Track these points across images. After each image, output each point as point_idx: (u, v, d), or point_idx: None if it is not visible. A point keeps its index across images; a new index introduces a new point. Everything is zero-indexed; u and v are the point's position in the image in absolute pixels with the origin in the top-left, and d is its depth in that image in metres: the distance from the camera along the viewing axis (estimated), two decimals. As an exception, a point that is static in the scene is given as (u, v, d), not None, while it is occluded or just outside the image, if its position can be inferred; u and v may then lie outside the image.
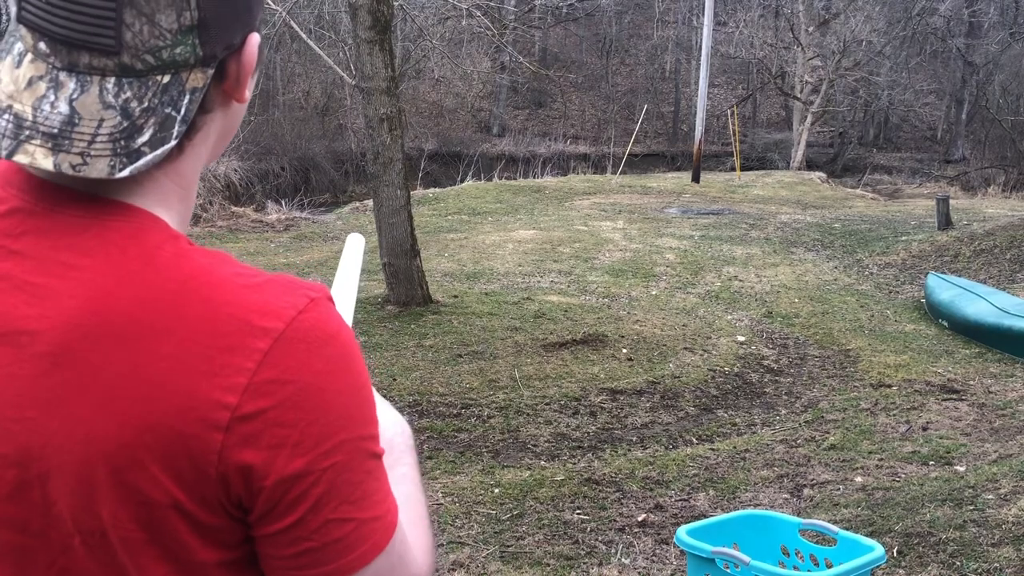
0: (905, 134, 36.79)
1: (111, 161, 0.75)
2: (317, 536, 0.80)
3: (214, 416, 0.75)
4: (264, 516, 0.79)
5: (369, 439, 0.83)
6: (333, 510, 0.80)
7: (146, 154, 0.76)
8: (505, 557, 3.91)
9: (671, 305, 9.04)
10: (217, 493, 0.77)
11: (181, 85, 0.78)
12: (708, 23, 19.86)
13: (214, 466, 0.76)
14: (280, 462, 0.77)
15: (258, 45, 0.84)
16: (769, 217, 14.50)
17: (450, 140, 29.16)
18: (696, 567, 2.75)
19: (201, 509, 0.78)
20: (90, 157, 0.74)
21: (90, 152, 0.74)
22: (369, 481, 0.82)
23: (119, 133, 0.75)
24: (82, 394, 0.75)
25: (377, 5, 7.98)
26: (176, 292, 0.76)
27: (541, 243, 11.74)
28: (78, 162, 0.74)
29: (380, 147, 8.24)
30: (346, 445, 0.80)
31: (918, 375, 6.76)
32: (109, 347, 0.75)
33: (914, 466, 4.89)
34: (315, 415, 0.78)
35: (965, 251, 11.07)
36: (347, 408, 0.81)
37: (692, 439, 5.71)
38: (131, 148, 0.76)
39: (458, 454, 5.39)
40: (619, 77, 37.60)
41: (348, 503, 0.80)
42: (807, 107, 26.87)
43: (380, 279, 8.92)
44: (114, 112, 0.75)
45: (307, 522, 0.79)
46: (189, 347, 0.75)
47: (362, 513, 0.82)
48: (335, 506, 0.80)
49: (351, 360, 0.82)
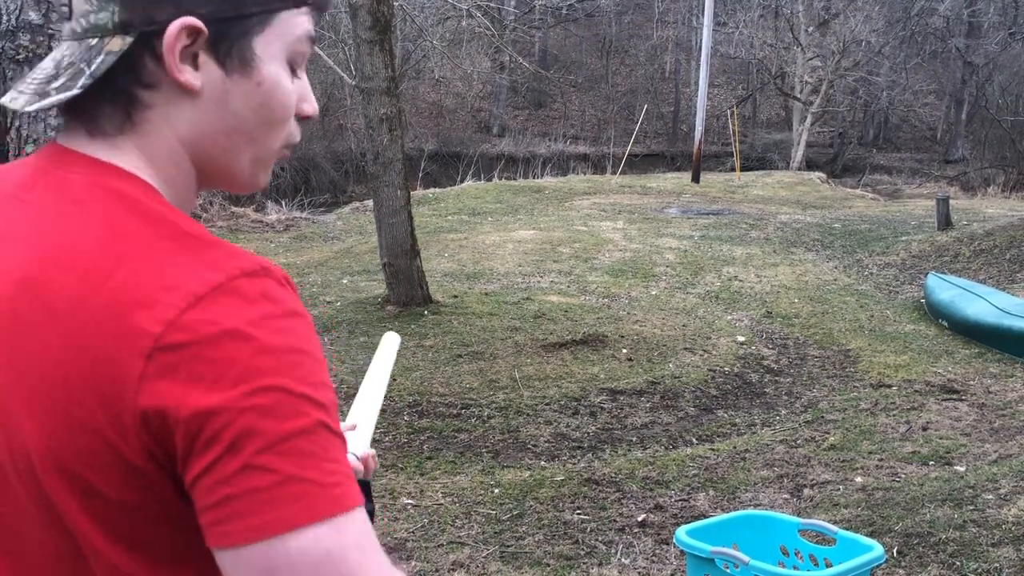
0: (905, 134, 36.80)
1: (30, 99, 0.87)
2: (236, 481, 0.77)
3: (139, 343, 0.77)
4: (184, 459, 0.78)
5: (308, 400, 0.79)
6: (253, 455, 0.77)
7: (51, 95, 0.87)
8: (505, 557, 3.91)
9: (671, 305, 9.04)
10: (136, 424, 0.77)
11: (100, 47, 0.87)
12: (708, 23, 19.86)
13: (133, 392, 0.77)
14: (196, 395, 0.76)
15: (183, 30, 0.85)
16: (769, 217, 14.51)
17: (450, 140, 29.16)
18: (696, 567, 2.75)
19: (122, 440, 0.78)
20: (23, 95, 0.88)
21: (25, 92, 0.88)
22: (305, 441, 0.78)
23: (44, 79, 0.88)
24: (39, 321, 0.81)
25: (377, 5, 7.98)
26: (137, 232, 0.82)
27: (541, 243, 11.74)
28: (14, 97, 0.88)
29: (380, 147, 8.24)
30: (274, 392, 0.77)
31: (918, 375, 6.76)
32: (65, 275, 0.81)
33: (914, 466, 4.90)
34: (240, 356, 0.77)
35: (965, 251, 11.07)
36: (280, 361, 0.78)
37: (692, 439, 5.71)
38: (45, 90, 0.87)
39: (458, 454, 5.39)
40: (619, 77, 37.62)
41: (274, 453, 0.77)
42: (807, 107, 26.88)
43: (380, 279, 8.92)
44: (50, 63, 0.89)
45: (224, 463, 0.76)
46: (132, 282, 0.79)
47: (293, 469, 0.77)
48: (256, 451, 0.77)
49: (294, 324, 0.81)
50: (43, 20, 2.24)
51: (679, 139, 34.00)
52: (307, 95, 0.96)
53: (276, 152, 0.95)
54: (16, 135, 2.26)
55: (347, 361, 6.99)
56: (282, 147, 0.96)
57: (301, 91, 0.95)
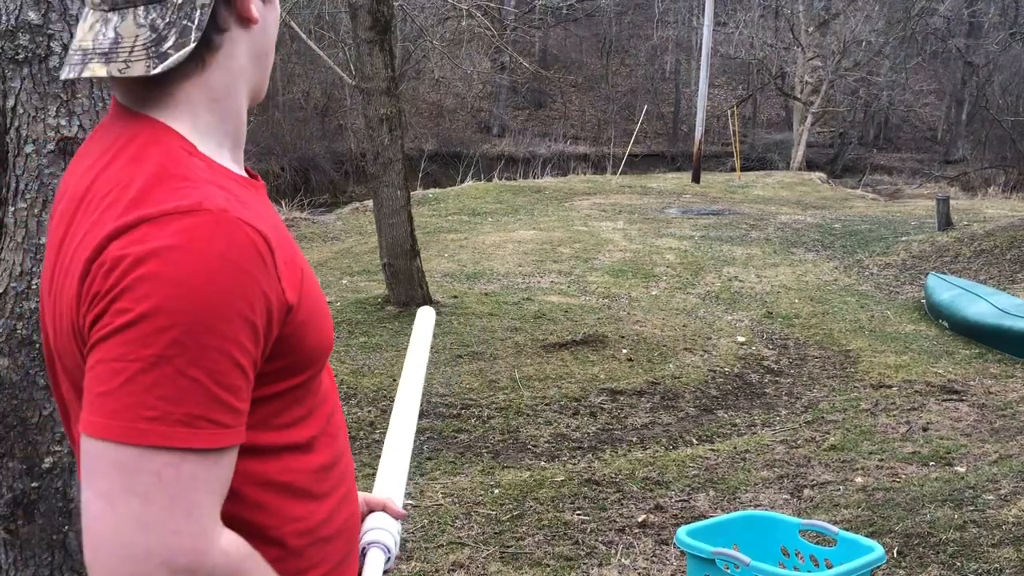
0: (905, 134, 36.77)
1: (147, 63, 0.98)
2: (90, 371, 0.92)
3: (86, 254, 0.95)
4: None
5: (170, 336, 0.89)
6: (101, 358, 0.90)
7: (171, 55, 0.99)
8: (505, 557, 3.91)
9: (671, 305, 9.03)
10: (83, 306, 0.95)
11: (192, 3, 1.01)
12: (708, 23, 19.85)
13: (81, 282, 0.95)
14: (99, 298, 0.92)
15: None
16: (769, 217, 14.50)
17: (450, 140, 29.14)
18: (696, 568, 2.74)
19: (86, 322, 0.94)
20: (131, 62, 0.99)
21: (131, 59, 0.99)
22: (147, 367, 0.88)
23: (150, 42, 0.99)
24: (76, 230, 1.00)
25: (377, 5, 7.98)
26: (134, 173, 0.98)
27: (541, 243, 11.73)
28: (124, 67, 0.99)
29: (380, 147, 8.24)
30: (143, 317, 0.89)
31: (918, 376, 6.75)
32: (90, 203, 1.00)
33: (914, 467, 4.89)
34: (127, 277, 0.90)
35: (965, 251, 11.06)
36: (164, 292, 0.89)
37: (692, 440, 5.71)
38: (160, 51, 0.99)
39: (458, 455, 5.38)
40: (619, 77, 37.60)
41: (117, 360, 0.89)
42: (807, 107, 26.86)
43: (380, 279, 8.92)
44: (145, 29, 0.99)
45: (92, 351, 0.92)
46: (110, 196, 0.97)
47: (115, 385, 0.89)
48: (105, 354, 0.90)
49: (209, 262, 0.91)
50: (42, 20, 2.23)
51: (679, 139, 33.98)
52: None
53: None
54: (15, 135, 2.26)
55: (347, 361, 6.99)
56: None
57: None
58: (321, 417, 1.10)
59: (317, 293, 1.08)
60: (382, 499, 1.30)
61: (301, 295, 1.01)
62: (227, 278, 0.90)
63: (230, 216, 0.93)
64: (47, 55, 2.23)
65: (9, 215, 2.28)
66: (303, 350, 1.03)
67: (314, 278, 1.09)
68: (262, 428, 1.01)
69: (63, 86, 2.25)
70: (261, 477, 1.01)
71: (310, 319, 1.03)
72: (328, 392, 1.14)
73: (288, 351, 1.01)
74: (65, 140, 2.24)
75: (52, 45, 2.23)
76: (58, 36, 2.23)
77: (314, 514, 1.07)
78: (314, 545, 1.07)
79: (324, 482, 1.09)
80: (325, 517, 1.09)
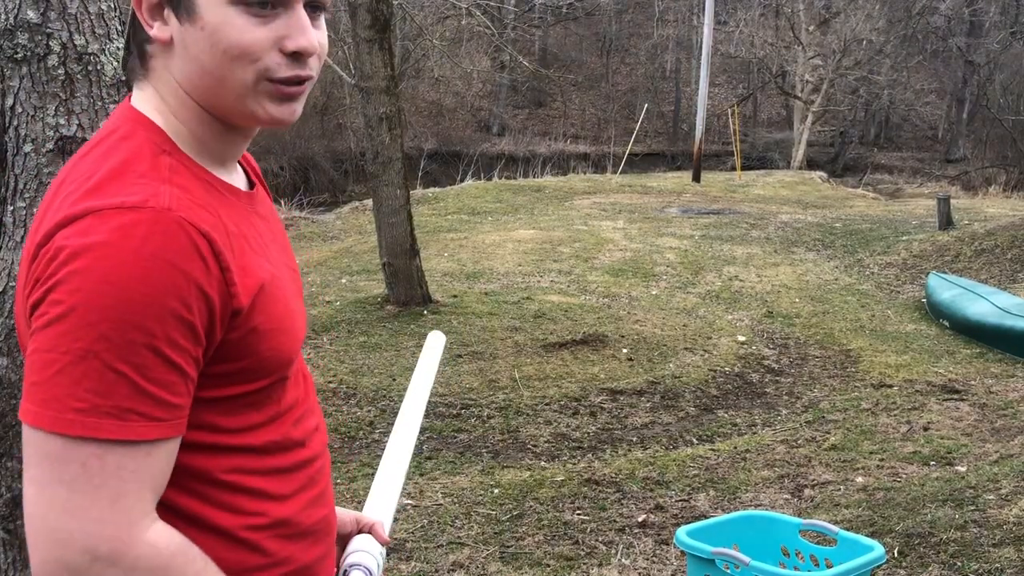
0: (906, 133, 36.76)
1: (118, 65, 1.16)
2: (28, 359, 0.94)
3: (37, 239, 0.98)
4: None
5: (98, 331, 0.91)
6: (37, 348, 0.92)
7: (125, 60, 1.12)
8: (505, 557, 3.90)
9: (671, 305, 9.03)
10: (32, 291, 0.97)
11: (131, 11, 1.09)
12: (708, 22, 19.84)
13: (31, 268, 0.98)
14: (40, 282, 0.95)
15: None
16: (770, 217, 14.49)
17: (450, 140, 29.13)
18: (696, 568, 2.74)
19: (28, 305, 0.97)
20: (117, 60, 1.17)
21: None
22: (76, 360, 0.90)
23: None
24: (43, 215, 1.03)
25: (376, 4, 7.97)
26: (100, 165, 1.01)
27: (541, 243, 11.72)
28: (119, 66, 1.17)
29: (379, 146, 8.23)
30: (75, 309, 0.91)
31: (919, 375, 6.75)
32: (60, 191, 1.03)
33: (915, 466, 4.88)
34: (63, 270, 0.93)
35: (966, 251, 11.05)
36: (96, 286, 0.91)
37: (692, 439, 5.70)
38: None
39: (458, 454, 5.38)
40: (619, 76, 37.59)
41: (49, 352, 0.91)
42: (808, 106, 26.85)
43: (379, 279, 8.91)
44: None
45: (31, 339, 0.94)
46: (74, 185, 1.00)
47: (47, 376, 0.91)
48: (40, 345, 0.92)
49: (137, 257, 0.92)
50: (41, 19, 2.22)
51: (679, 138, 33.97)
52: (290, 32, 1.03)
53: (253, 85, 1.04)
54: (14, 134, 2.25)
55: (347, 361, 6.98)
56: (260, 80, 1.03)
57: (281, 29, 1.03)
58: (285, 423, 1.11)
59: (285, 311, 1.08)
60: (372, 521, 1.32)
61: (256, 304, 1.02)
62: (159, 276, 0.92)
63: (172, 215, 0.95)
64: (46, 54, 2.22)
65: (8, 214, 2.27)
66: (255, 358, 1.03)
67: (286, 298, 1.09)
68: (210, 430, 1.02)
69: (62, 85, 2.24)
70: (206, 475, 1.03)
71: (266, 330, 1.04)
72: (298, 400, 1.15)
73: (237, 356, 1.02)
74: (64, 139, 2.23)
75: (51, 44, 2.22)
76: (57, 35, 2.23)
77: (270, 512, 1.08)
78: (272, 541, 1.08)
79: (284, 484, 1.10)
80: (286, 517, 1.10)
